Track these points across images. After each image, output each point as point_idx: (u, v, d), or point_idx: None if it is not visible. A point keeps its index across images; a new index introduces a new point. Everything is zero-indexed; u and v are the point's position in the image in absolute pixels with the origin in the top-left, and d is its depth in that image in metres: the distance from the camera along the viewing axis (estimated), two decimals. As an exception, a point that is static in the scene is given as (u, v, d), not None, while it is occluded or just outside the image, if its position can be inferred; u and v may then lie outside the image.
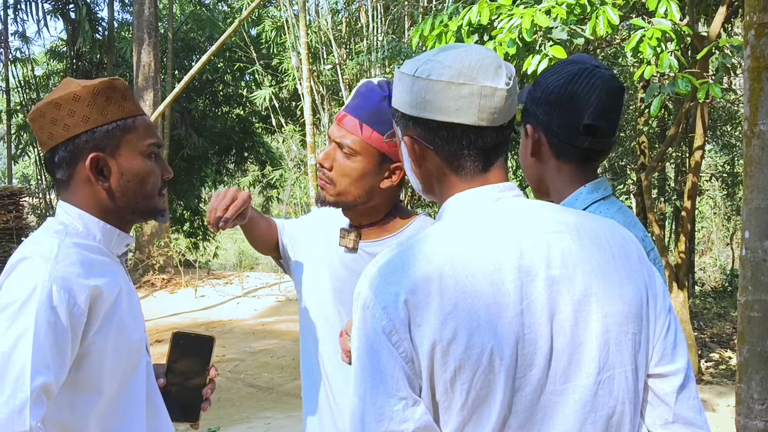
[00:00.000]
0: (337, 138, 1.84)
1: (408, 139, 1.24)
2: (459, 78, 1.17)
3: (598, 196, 1.66)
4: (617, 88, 1.65)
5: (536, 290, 1.11)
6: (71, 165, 1.56)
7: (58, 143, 1.55)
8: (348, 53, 11.50)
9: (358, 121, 1.81)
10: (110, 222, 1.60)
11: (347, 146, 1.82)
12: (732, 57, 4.93)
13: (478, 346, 1.07)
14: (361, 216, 1.92)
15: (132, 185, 1.59)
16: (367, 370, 1.11)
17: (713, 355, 8.31)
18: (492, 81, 1.18)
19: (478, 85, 1.17)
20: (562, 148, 1.65)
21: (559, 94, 1.63)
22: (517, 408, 1.10)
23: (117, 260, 1.64)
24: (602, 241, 1.19)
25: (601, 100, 1.61)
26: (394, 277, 1.11)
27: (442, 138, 1.20)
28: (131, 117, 1.59)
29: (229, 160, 18.69)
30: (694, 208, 9.66)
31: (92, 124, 1.54)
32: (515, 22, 4.53)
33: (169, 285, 12.46)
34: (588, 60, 1.69)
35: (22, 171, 24.07)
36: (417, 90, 1.19)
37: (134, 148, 1.59)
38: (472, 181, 1.22)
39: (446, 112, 1.18)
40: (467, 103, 1.17)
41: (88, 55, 16.47)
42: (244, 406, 6.60)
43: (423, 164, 1.25)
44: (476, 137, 1.19)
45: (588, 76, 1.62)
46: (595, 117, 1.60)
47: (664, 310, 1.21)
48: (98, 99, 1.55)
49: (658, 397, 1.20)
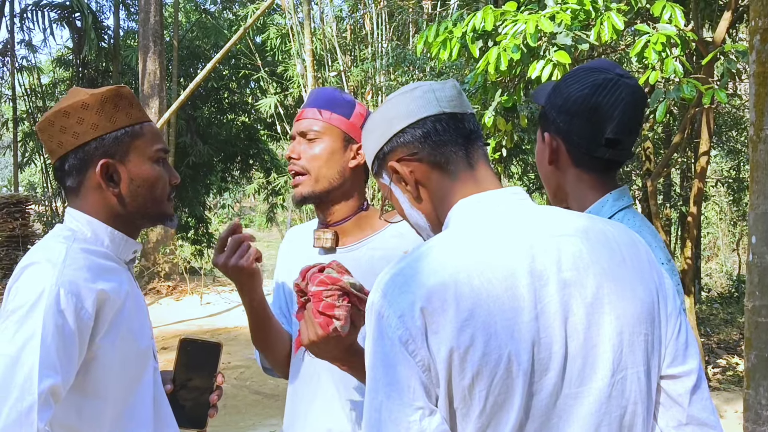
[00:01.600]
0: (300, 129, 1.89)
1: (394, 164, 1.28)
2: (410, 87, 1.30)
3: (623, 204, 1.63)
4: (641, 100, 1.61)
5: (549, 294, 1.12)
6: (81, 172, 1.58)
7: (68, 151, 1.57)
8: (353, 60, 11.53)
9: (316, 108, 1.89)
10: (118, 228, 1.61)
11: (311, 131, 1.87)
12: (737, 62, 4.92)
13: (496, 351, 1.07)
14: (335, 207, 1.90)
15: (142, 190, 1.60)
16: (382, 381, 1.10)
17: (720, 361, 8.28)
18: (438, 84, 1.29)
19: (426, 85, 1.30)
20: (581, 159, 1.62)
21: (581, 105, 1.59)
22: (534, 413, 1.10)
23: (125, 266, 1.64)
24: (612, 244, 1.19)
25: (625, 114, 1.57)
26: (409, 286, 1.11)
27: (419, 137, 1.27)
28: (138, 123, 1.61)
29: (235, 168, 18.73)
30: (700, 214, 9.63)
31: (101, 131, 1.56)
32: (519, 27, 4.53)
33: (174, 292, 12.47)
34: (611, 68, 1.64)
35: (28, 179, 24.15)
36: (380, 120, 1.31)
37: (143, 153, 1.60)
38: (464, 181, 1.25)
39: (412, 113, 1.27)
40: (426, 99, 1.28)
41: (93, 63, 16.56)
42: (250, 413, 6.60)
43: (416, 185, 1.28)
44: (447, 124, 1.27)
45: (613, 87, 1.58)
46: (618, 131, 1.57)
47: (675, 312, 1.21)
48: (106, 106, 1.57)
49: (671, 398, 1.20)
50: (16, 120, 15.94)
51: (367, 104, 10.73)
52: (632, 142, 1.64)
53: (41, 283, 1.42)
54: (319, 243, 1.90)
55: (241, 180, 19.60)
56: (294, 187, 1.91)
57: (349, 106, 1.89)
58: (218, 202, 24.87)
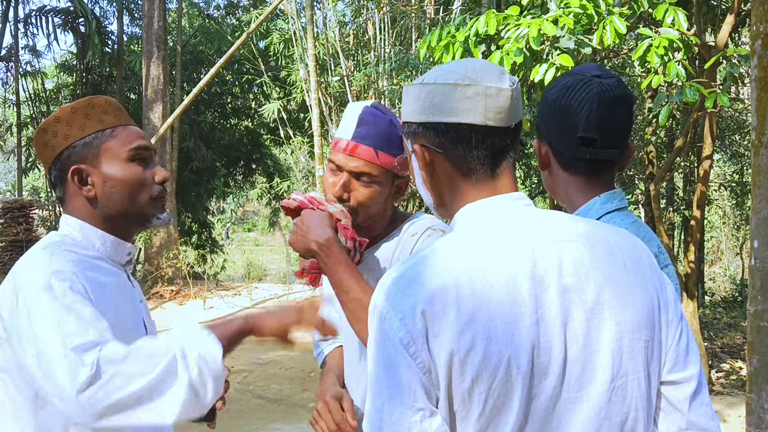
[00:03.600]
0: (352, 168, 1.83)
1: (418, 148, 1.26)
2: (464, 80, 1.21)
3: (612, 206, 1.65)
4: (613, 98, 1.62)
5: (549, 299, 1.12)
6: (62, 181, 1.65)
7: (50, 164, 1.65)
8: (355, 65, 11.54)
9: (373, 149, 1.82)
10: (109, 231, 1.66)
11: (367, 175, 1.82)
12: (740, 66, 4.92)
13: (496, 355, 1.08)
14: (370, 227, 1.93)
15: (116, 191, 1.63)
16: (384, 382, 1.11)
17: (723, 366, 8.26)
18: (496, 82, 1.21)
19: (483, 85, 1.21)
20: (567, 161, 1.66)
21: (552, 107, 1.64)
22: (533, 416, 1.11)
23: (121, 268, 1.69)
24: (614, 250, 1.20)
25: (592, 112, 1.59)
26: (411, 289, 1.12)
27: (451, 140, 1.22)
28: (111, 128, 1.65)
29: (238, 172, 18.75)
30: (703, 218, 9.62)
31: (71, 139, 1.63)
32: (522, 31, 4.53)
33: (177, 296, 12.48)
34: (590, 70, 1.67)
35: (32, 183, 24.20)
36: (424, 96, 1.23)
37: (114, 154, 1.64)
38: (481, 187, 1.23)
39: (454, 113, 1.21)
40: (473, 104, 1.20)
41: (97, 69, 16.60)
42: (253, 417, 6.59)
43: (433, 173, 1.26)
44: (484, 137, 1.21)
45: (582, 87, 1.61)
46: (587, 128, 1.60)
47: (675, 318, 1.22)
48: (76, 116, 1.63)
49: (671, 404, 1.21)
50: (20, 125, 15.98)
51: (370, 109, 10.69)
52: (611, 140, 1.64)
53: (35, 283, 1.46)
54: None
55: (244, 185, 19.61)
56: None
57: (401, 142, 1.82)
58: (220, 207, 24.89)
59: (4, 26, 15.12)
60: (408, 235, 1.91)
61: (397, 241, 1.92)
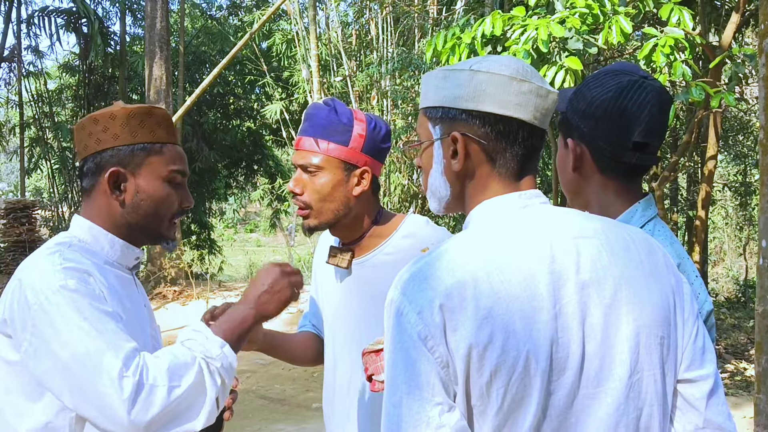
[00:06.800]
0: (299, 162, 1.87)
1: (458, 135, 1.22)
2: (519, 75, 1.20)
3: (652, 213, 1.59)
4: (667, 102, 1.56)
5: (567, 294, 1.12)
6: (95, 176, 1.65)
7: (89, 154, 1.65)
8: (358, 65, 11.55)
9: (312, 138, 1.85)
10: (119, 236, 1.67)
11: (310, 165, 1.84)
12: (745, 66, 4.91)
13: (514, 350, 1.07)
14: (348, 231, 1.92)
15: (145, 204, 1.65)
16: (402, 377, 1.10)
17: (728, 366, 8.24)
18: (545, 84, 1.22)
19: (536, 84, 1.21)
20: (607, 164, 1.58)
21: (606, 109, 1.54)
22: (551, 412, 1.10)
23: (127, 272, 1.69)
24: (630, 247, 1.19)
25: (653, 117, 1.53)
26: (428, 283, 1.11)
27: (498, 132, 1.21)
28: (160, 143, 1.67)
29: (239, 173, 18.75)
30: (708, 218, 9.61)
31: (120, 141, 1.64)
32: (531, 33, 4.51)
33: (180, 297, 12.48)
34: (635, 70, 1.59)
35: (34, 184, 24.24)
36: (476, 83, 1.21)
37: (155, 171, 1.65)
38: (507, 184, 1.23)
39: (507, 106, 1.20)
40: (526, 100, 1.20)
41: (100, 69, 16.61)
42: (256, 418, 6.59)
43: (465, 163, 1.23)
44: (528, 135, 1.22)
45: (638, 89, 1.54)
46: (646, 134, 1.53)
47: (692, 316, 1.22)
48: (132, 121, 1.64)
49: (687, 402, 1.20)
50: (22, 125, 15.98)
51: (373, 109, 10.74)
52: (659, 145, 1.60)
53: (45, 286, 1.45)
54: (333, 261, 1.94)
55: (246, 185, 19.61)
56: (302, 218, 1.91)
57: (345, 130, 1.83)
58: (221, 208, 24.90)
59: (7, 27, 15.14)
60: (401, 236, 1.90)
61: (393, 246, 1.90)
